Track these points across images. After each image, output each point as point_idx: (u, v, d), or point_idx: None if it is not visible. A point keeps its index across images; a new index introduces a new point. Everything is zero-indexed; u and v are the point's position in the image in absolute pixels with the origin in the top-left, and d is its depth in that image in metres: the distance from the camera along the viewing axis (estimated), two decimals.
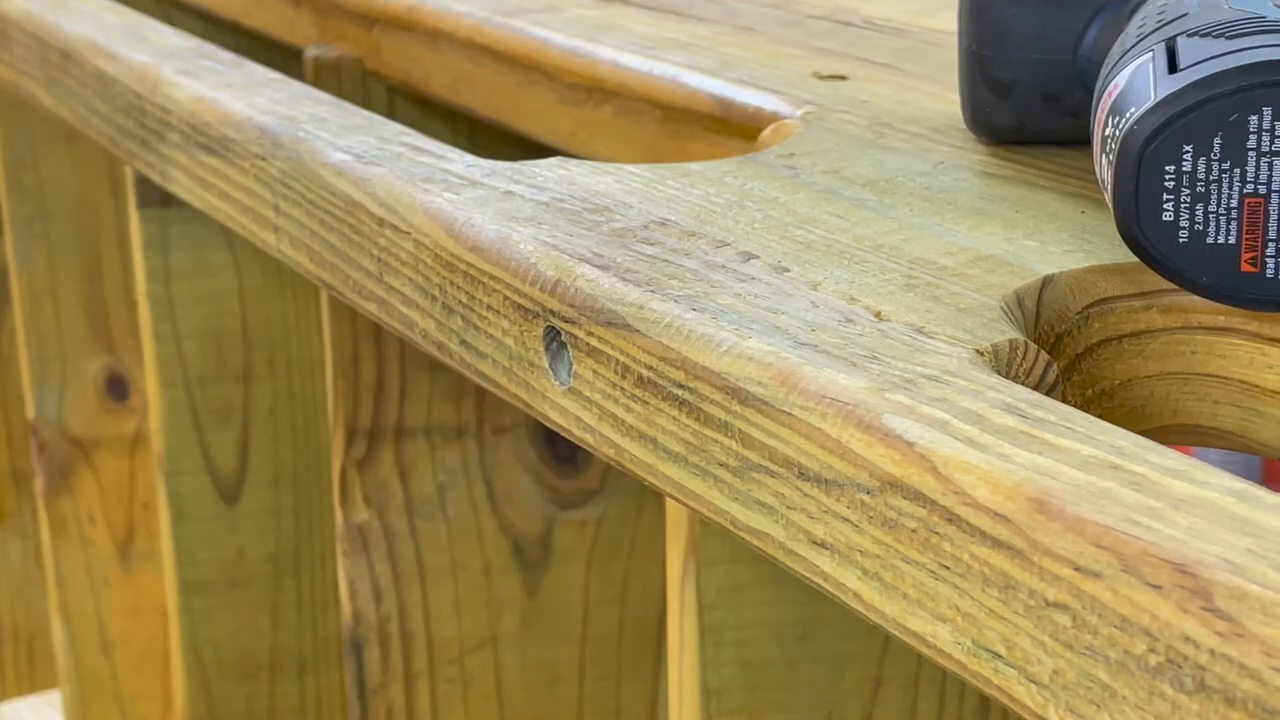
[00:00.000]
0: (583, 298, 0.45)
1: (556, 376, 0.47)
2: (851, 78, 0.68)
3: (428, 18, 0.85)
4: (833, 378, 0.39)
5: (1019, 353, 0.42)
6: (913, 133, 0.60)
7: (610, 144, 0.72)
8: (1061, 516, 0.33)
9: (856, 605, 0.38)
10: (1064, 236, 0.49)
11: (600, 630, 0.84)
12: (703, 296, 0.44)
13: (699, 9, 0.83)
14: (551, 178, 0.55)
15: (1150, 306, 0.46)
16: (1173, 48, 0.45)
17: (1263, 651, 0.29)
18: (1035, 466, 0.34)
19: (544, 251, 0.48)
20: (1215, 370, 0.46)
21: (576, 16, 0.81)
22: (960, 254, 0.47)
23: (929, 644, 0.36)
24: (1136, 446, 0.35)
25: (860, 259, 0.47)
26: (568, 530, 0.83)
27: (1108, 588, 0.32)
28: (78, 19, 0.85)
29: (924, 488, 0.36)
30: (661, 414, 0.43)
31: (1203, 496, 0.33)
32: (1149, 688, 0.31)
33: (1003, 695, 0.35)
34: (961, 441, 0.36)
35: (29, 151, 1.14)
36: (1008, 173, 0.55)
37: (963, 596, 0.35)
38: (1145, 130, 0.43)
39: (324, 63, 0.92)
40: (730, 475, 0.41)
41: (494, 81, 0.79)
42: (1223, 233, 0.43)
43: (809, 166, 0.56)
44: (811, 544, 0.39)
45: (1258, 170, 0.43)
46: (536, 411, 0.49)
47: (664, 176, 0.55)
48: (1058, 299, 0.46)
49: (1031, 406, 0.37)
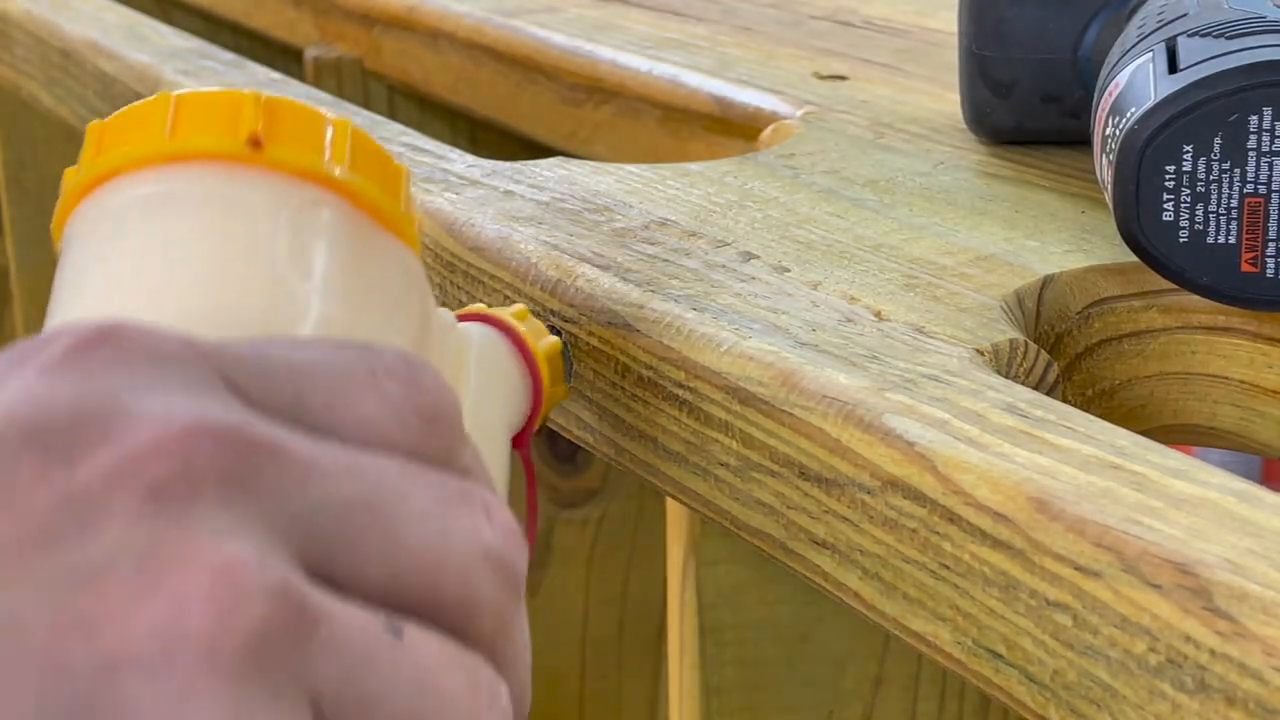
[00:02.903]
0: (583, 297, 0.45)
1: None
2: (851, 78, 0.68)
3: (428, 18, 0.85)
4: (833, 377, 0.39)
5: (1019, 352, 0.42)
6: (913, 133, 0.60)
7: (610, 144, 0.72)
8: (1062, 516, 0.33)
9: (857, 605, 0.38)
10: (1064, 236, 0.49)
11: (600, 630, 0.84)
12: (703, 296, 0.44)
13: (699, 9, 0.83)
14: (552, 177, 0.55)
15: (1150, 306, 0.46)
16: (1173, 48, 0.45)
17: (1263, 651, 0.29)
18: (1036, 466, 0.34)
19: (544, 251, 0.48)
20: (1215, 370, 0.46)
21: (576, 16, 0.81)
22: (960, 254, 0.47)
23: (929, 644, 0.36)
24: (1137, 446, 0.35)
25: (860, 259, 0.47)
26: (568, 530, 0.83)
27: (1108, 587, 0.32)
28: (78, 19, 0.85)
29: (924, 487, 0.36)
30: (662, 414, 0.43)
31: (1203, 496, 0.33)
32: (1149, 687, 0.31)
33: (1003, 695, 0.35)
34: (962, 441, 0.36)
35: (29, 151, 1.14)
36: (1008, 173, 0.55)
37: (963, 596, 0.35)
38: (1146, 130, 0.43)
39: (324, 63, 0.92)
40: (731, 475, 0.41)
41: (494, 81, 0.79)
42: (1223, 233, 0.43)
43: (809, 166, 0.56)
44: (812, 544, 0.39)
45: (1258, 170, 0.43)
46: None
47: (664, 176, 0.55)
48: (1058, 299, 0.46)
49: (1032, 406, 0.37)
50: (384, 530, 0.28)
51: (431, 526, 0.29)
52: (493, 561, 0.29)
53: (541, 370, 0.42)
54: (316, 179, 0.34)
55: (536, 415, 0.42)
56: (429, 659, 0.28)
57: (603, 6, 0.83)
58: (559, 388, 0.43)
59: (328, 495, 0.28)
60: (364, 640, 0.27)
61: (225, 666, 0.24)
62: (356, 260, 0.34)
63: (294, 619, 0.25)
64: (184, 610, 0.24)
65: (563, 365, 0.43)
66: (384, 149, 0.35)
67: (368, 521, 0.28)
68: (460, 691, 0.28)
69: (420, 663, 0.27)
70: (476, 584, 0.29)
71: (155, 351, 0.28)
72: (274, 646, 0.25)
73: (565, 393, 0.44)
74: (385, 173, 0.35)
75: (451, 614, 0.29)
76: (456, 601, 0.29)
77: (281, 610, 0.25)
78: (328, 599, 0.26)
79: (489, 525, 0.30)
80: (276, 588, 0.25)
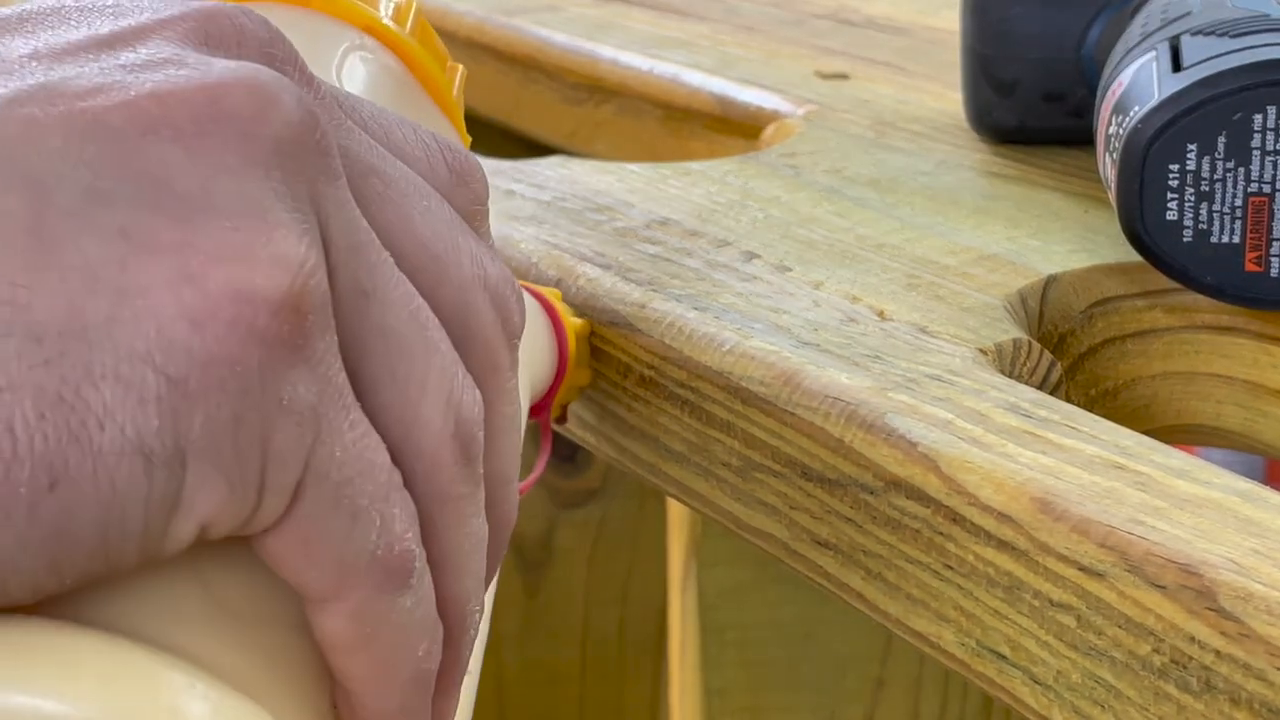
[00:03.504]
0: (584, 297, 0.45)
1: None
2: (853, 77, 0.68)
3: (428, 18, 0.85)
4: (835, 377, 0.39)
5: (1022, 352, 0.42)
6: (915, 132, 0.60)
7: (611, 143, 0.72)
8: (1066, 516, 0.33)
9: (860, 605, 0.38)
10: (1067, 236, 0.48)
11: (600, 630, 0.84)
12: (705, 296, 0.44)
13: (700, 8, 0.83)
14: (553, 177, 0.55)
15: (1154, 306, 0.46)
16: (1176, 46, 0.44)
17: (1268, 652, 0.29)
18: (1039, 466, 0.34)
19: (545, 251, 0.48)
20: (1219, 370, 0.46)
21: (577, 16, 0.80)
22: (963, 253, 0.47)
23: (932, 644, 0.36)
24: (1141, 446, 0.35)
25: (863, 258, 0.47)
26: (568, 530, 0.83)
27: (1112, 588, 0.32)
28: None
29: (928, 488, 0.35)
30: (664, 413, 0.43)
31: (1208, 496, 0.33)
32: (1154, 689, 0.31)
33: (1007, 696, 0.35)
34: (965, 441, 0.36)
35: None
36: (1010, 172, 0.55)
37: (967, 597, 0.35)
38: (1149, 129, 0.43)
39: None
40: (733, 475, 0.41)
41: (494, 81, 0.79)
42: (1227, 232, 0.43)
43: (811, 166, 0.56)
44: (815, 544, 0.39)
45: (1262, 169, 0.43)
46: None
47: (665, 176, 0.55)
48: (1061, 298, 0.46)
49: (1035, 406, 0.37)
50: (399, 207, 0.29)
51: (444, 234, 0.29)
52: (492, 294, 0.30)
53: (570, 341, 0.43)
54: (374, 32, 0.37)
55: (558, 386, 0.43)
56: (421, 304, 0.28)
57: (604, 5, 0.83)
58: (583, 370, 0.44)
59: (356, 146, 0.29)
60: (371, 246, 0.27)
61: (257, 152, 0.26)
62: (401, 107, 0.35)
63: (314, 131, 0.27)
64: (225, 95, 0.26)
65: (588, 350, 0.44)
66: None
67: (386, 194, 0.29)
68: (446, 350, 0.28)
69: (412, 294, 0.28)
70: (474, 303, 0.29)
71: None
72: (302, 153, 0.26)
73: (588, 377, 0.44)
74: (438, 51, 0.38)
75: (445, 316, 0.29)
76: (452, 306, 0.29)
77: (308, 125, 0.27)
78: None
79: (494, 268, 0.30)
80: (309, 105, 0.27)
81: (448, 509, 0.29)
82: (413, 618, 0.28)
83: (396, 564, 0.27)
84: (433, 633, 0.29)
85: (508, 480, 0.31)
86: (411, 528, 0.28)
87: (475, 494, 0.29)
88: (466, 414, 0.29)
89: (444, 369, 0.28)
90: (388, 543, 0.27)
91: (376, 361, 0.27)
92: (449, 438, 0.28)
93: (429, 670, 0.29)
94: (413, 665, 0.28)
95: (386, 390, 0.28)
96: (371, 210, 0.28)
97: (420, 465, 0.28)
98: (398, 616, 0.28)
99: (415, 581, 0.28)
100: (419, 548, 0.28)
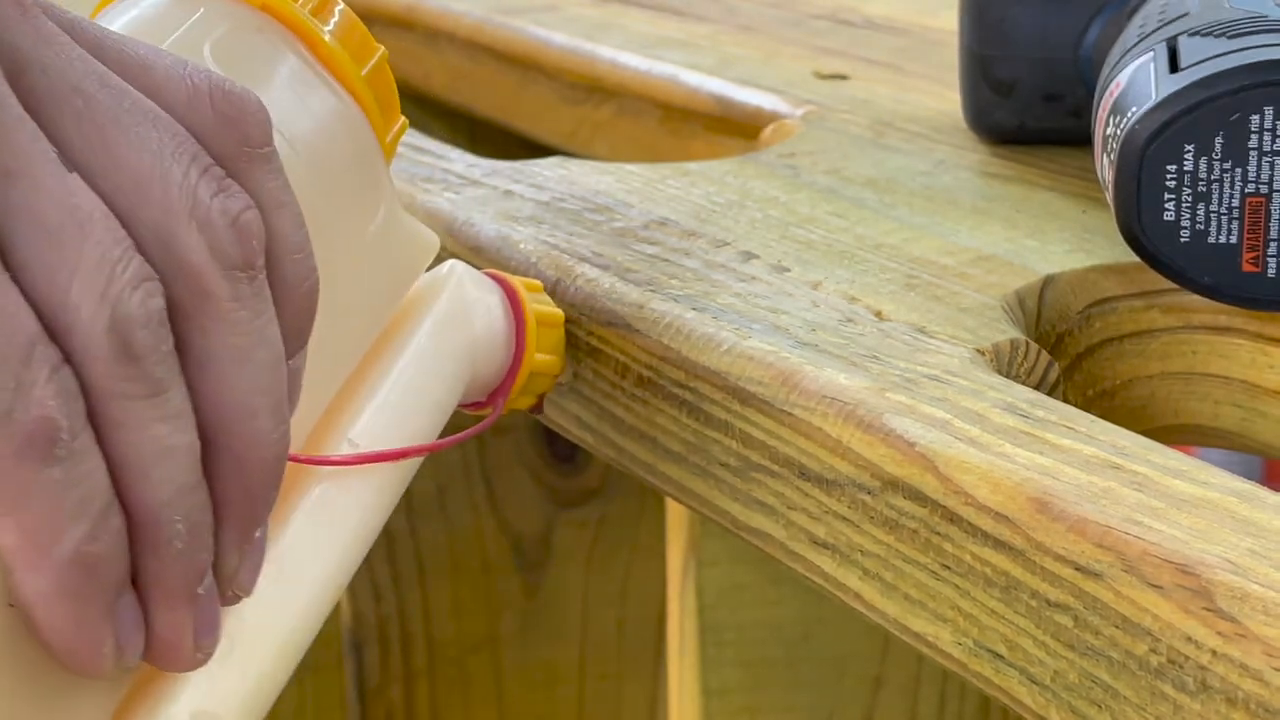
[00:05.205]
0: (583, 297, 0.45)
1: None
2: (852, 77, 0.68)
3: (427, 17, 0.85)
4: (833, 377, 0.39)
5: (1020, 352, 0.42)
6: (913, 132, 0.60)
7: (610, 143, 0.72)
8: (1063, 516, 0.33)
9: (857, 605, 0.38)
10: (1065, 236, 0.49)
11: (600, 630, 0.84)
12: (703, 296, 0.44)
13: (699, 8, 0.83)
14: (551, 177, 0.55)
15: (1151, 306, 0.46)
16: (1174, 47, 0.45)
17: (1265, 652, 0.29)
18: (1037, 466, 0.34)
19: (544, 251, 0.48)
20: (1216, 370, 0.46)
21: (576, 16, 0.80)
22: (961, 254, 0.47)
23: (930, 644, 0.36)
24: (1138, 446, 0.35)
25: (861, 258, 0.47)
26: (568, 530, 0.83)
27: (1109, 588, 0.32)
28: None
29: (925, 488, 0.35)
30: (662, 414, 0.43)
31: (1205, 497, 0.33)
32: (1151, 688, 0.31)
33: (1004, 696, 0.35)
34: (963, 441, 0.36)
35: None
36: (1009, 172, 0.55)
37: (964, 597, 0.35)
38: (1147, 129, 0.43)
39: None
40: (731, 475, 0.41)
41: (494, 81, 0.79)
42: (1224, 232, 0.43)
43: (809, 166, 0.56)
44: (812, 544, 0.39)
45: (1259, 170, 0.43)
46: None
47: (664, 176, 0.55)
48: (1059, 299, 0.46)
49: (1033, 406, 0.37)
50: (101, 128, 0.30)
51: (148, 161, 0.30)
52: (202, 223, 0.30)
53: (529, 329, 0.43)
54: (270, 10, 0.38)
55: (515, 373, 0.43)
56: (86, 202, 0.29)
57: (602, 5, 0.83)
58: (555, 359, 0.44)
59: (64, 65, 0.30)
60: (20, 130, 0.29)
61: None
62: (280, 79, 0.38)
63: None
64: None
65: (561, 339, 0.44)
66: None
67: (85, 112, 0.30)
68: (109, 246, 0.29)
69: (75, 191, 0.29)
70: (175, 229, 0.30)
71: None
72: None
73: (560, 366, 0.45)
74: (352, 33, 0.40)
75: (145, 239, 0.30)
76: (153, 230, 0.30)
77: None
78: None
79: (218, 201, 0.30)
80: None
81: (113, 405, 0.29)
82: (65, 494, 0.28)
83: (35, 429, 0.28)
84: (96, 519, 0.28)
85: (249, 414, 0.31)
86: (64, 402, 0.28)
87: (152, 397, 0.29)
88: (127, 311, 0.29)
89: (101, 261, 0.29)
90: (25, 406, 0.27)
91: (25, 242, 0.28)
92: (101, 330, 0.29)
93: (94, 557, 0.28)
94: (70, 546, 0.28)
95: (34, 270, 0.28)
96: (66, 124, 0.29)
97: (75, 353, 0.29)
98: (43, 489, 0.28)
99: (64, 455, 0.28)
100: (70, 423, 0.28)
